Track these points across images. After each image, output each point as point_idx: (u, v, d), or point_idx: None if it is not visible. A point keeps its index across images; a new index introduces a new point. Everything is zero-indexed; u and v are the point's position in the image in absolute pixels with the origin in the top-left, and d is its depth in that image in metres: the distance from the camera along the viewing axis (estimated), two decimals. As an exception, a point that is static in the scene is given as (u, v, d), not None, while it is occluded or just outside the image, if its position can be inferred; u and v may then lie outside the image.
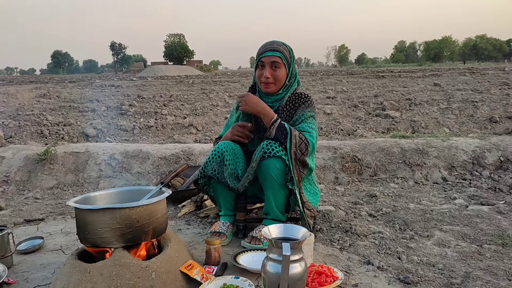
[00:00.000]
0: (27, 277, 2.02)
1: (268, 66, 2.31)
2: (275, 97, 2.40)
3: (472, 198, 3.21)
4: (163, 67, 58.30)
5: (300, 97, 2.39)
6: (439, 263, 2.09)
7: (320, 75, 21.40)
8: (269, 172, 2.19)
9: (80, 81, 20.27)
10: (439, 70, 21.65)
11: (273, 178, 2.20)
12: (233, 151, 2.36)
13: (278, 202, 2.28)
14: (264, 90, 2.38)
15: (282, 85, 2.36)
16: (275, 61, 2.29)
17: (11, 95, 11.45)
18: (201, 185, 2.50)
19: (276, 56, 2.29)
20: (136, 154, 4.04)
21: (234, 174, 2.35)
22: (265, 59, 2.31)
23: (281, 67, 2.31)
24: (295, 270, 1.55)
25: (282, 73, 2.32)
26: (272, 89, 2.36)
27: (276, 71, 2.31)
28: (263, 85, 2.36)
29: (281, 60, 2.30)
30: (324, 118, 7.41)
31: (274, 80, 2.32)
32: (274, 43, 2.35)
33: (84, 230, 1.78)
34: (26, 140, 5.78)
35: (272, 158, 2.17)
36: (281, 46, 2.34)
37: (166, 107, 8.91)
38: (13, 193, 3.72)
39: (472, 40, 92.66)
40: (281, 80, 2.34)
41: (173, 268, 1.84)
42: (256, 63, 2.39)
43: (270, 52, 2.29)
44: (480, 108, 7.33)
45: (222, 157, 2.34)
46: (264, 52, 2.32)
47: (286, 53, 2.33)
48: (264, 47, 2.34)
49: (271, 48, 2.31)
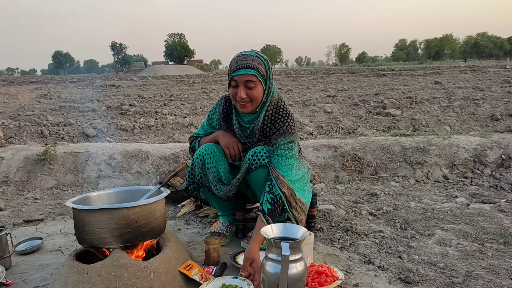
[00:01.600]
0: (26, 278, 2.01)
1: (242, 85, 2.06)
2: (251, 116, 2.22)
3: (473, 197, 3.19)
4: (163, 67, 58.28)
5: (278, 115, 2.19)
6: (440, 262, 2.07)
7: (321, 73, 21.35)
8: (259, 182, 2.16)
9: (81, 81, 20.27)
10: (440, 68, 21.60)
11: (262, 186, 2.15)
12: (214, 154, 2.26)
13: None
14: (241, 110, 2.16)
15: (259, 103, 2.14)
16: (249, 80, 2.04)
17: (12, 95, 11.44)
18: (191, 191, 2.45)
19: (250, 74, 2.03)
20: (135, 154, 4.03)
21: (217, 177, 2.28)
22: (238, 78, 2.05)
23: (257, 85, 2.07)
24: (294, 270, 1.54)
25: (259, 91, 2.09)
26: (248, 109, 2.13)
27: (251, 90, 2.07)
28: (239, 105, 2.12)
29: (256, 78, 2.05)
30: (325, 116, 7.39)
31: (251, 99, 2.09)
32: (246, 57, 2.07)
33: (82, 230, 1.77)
34: (26, 141, 5.77)
35: (260, 168, 2.13)
36: (255, 60, 2.06)
37: (167, 107, 8.89)
38: (12, 193, 3.71)
39: (473, 38, 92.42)
40: (258, 98, 2.11)
41: (172, 268, 1.83)
42: (229, 81, 2.12)
43: (243, 70, 2.03)
44: (481, 106, 7.30)
45: (203, 160, 2.26)
46: (236, 69, 2.05)
47: (261, 68, 2.08)
48: (236, 64, 2.07)
49: (244, 65, 2.03)
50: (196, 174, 2.33)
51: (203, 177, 2.32)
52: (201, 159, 2.27)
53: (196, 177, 2.34)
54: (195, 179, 2.36)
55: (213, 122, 2.40)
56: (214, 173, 2.27)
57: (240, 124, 2.28)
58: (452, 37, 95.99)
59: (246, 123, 2.26)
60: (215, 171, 2.27)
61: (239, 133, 2.28)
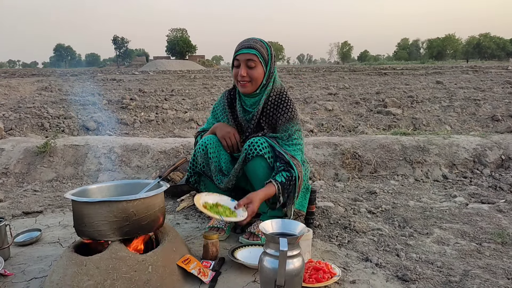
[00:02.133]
0: (24, 269, 2.01)
1: (243, 64, 2.19)
2: (253, 99, 2.30)
3: (472, 196, 3.19)
4: (165, 62, 58.23)
5: (280, 97, 2.28)
6: (438, 261, 2.08)
7: (322, 71, 21.34)
8: (256, 172, 2.17)
9: (82, 75, 20.26)
10: (441, 68, 21.57)
11: (260, 177, 2.16)
12: (216, 144, 2.31)
13: (270, 200, 2.23)
14: (241, 90, 2.26)
15: (259, 84, 2.23)
16: (250, 59, 2.17)
17: (13, 87, 11.44)
18: (192, 183, 2.47)
19: (251, 53, 2.16)
20: (135, 148, 4.03)
21: (218, 167, 2.32)
22: (240, 57, 2.19)
23: (257, 65, 2.18)
24: (292, 265, 1.54)
25: (259, 71, 2.20)
26: (248, 89, 2.23)
27: (252, 69, 2.18)
28: (240, 84, 2.24)
29: (257, 58, 2.17)
30: (326, 114, 7.39)
31: (250, 78, 2.19)
32: (250, 40, 2.23)
33: (81, 222, 1.78)
34: (27, 133, 5.78)
35: (256, 158, 2.14)
36: (257, 43, 2.20)
37: (167, 102, 8.89)
38: (12, 185, 3.71)
39: (476, 39, 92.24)
40: (258, 79, 2.21)
41: (170, 262, 1.84)
42: (232, 62, 2.27)
43: (245, 50, 2.18)
44: (482, 106, 7.29)
45: (206, 150, 2.31)
46: (239, 49, 2.20)
47: (263, 50, 2.20)
48: (240, 45, 2.23)
49: (247, 45, 2.19)
50: (199, 163, 2.36)
51: (205, 167, 2.35)
52: (203, 148, 2.31)
53: (198, 166, 2.37)
54: (197, 169, 2.38)
55: (218, 114, 2.46)
56: (216, 163, 2.31)
57: (243, 107, 2.35)
58: (455, 37, 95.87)
59: (249, 107, 2.33)
60: (216, 161, 2.30)
61: (241, 116, 2.34)
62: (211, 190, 2.46)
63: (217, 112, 2.48)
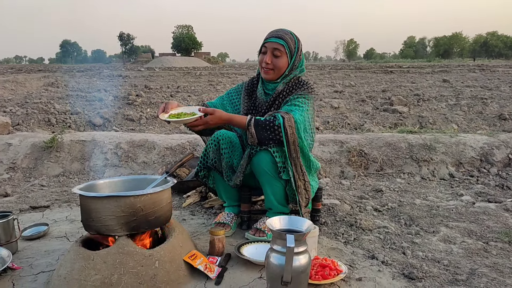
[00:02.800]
0: (32, 263, 2.03)
1: (269, 52, 2.26)
2: (273, 85, 2.36)
3: (479, 195, 3.18)
4: (171, 58, 58.35)
5: (297, 83, 2.35)
6: (444, 259, 2.07)
7: (328, 69, 21.27)
8: (261, 166, 2.16)
9: (88, 71, 20.31)
10: (448, 67, 21.43)
11: (266, 171, 2.16)
12: (229, 140, 2.32)
13: (277, 195, 2.23)
14: (264, 76, 2.33)
15: (281, 74, 2.30)
16: (277, 48, 2.24)
17: (20, 83, 11.49)
18: (201, 177, 2.49)
19: (279, 43, 2.23)
20: (142, 143, 4.04)
21: (229, 163, 2.33)
22: (268, 44, 2.27)
23: (282, 55, 2.26)
24: (298, 262, 1.54)
25: (283, 61, 2.27)
26: (270, 76, 2.30)
27: (277, 58, 2.26)
28: (263, 70, 2.31)
29: (283, 48, 2.24)
30: (331, 112, 7.37)
31: (274, 67, 2.27)
32: (281, 30, 2.30)
33: (88, 217, 1.78)
34: (34, 128, 5.81)
35: (260, 152, 2.14)
36: (287, 34, 2.28)
37: (173, 98, 8.90)
38: (19, 179, 3.74)
39: (483, 37, 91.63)
40: (281, 68, 2.28)
41: (176, 257, 1.84)
42: (260, 48, 2.35)
43: (274, 39, 2.25)
44: (489, 105, 7.25)
45: (218, 146, 2.32)
46: (269, 37, 2.28)
47: (291, 42, 2.27)
48: (271, 33, 2.30)
49: (276, 35, 2.26)
50: (210, 158, 2.37)
51: (216, 162, 2.36)
52: (215, 144, 2.32)
53: (210, 161, 2.38)
54: (208, 164, 2.39)
55: (233, 95, 2.57)
56: (228, 159, 2.31)
57: (264, 91, 2.41)
58: (462, 36, 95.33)
59: (269, 90, 2.39)
60: (228, 157, 2.31)
61: (262, 98, 2.39)
62: (220, 186, 2.47)
63: (232, 94, 2.57)
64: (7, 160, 3.92)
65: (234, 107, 2.52)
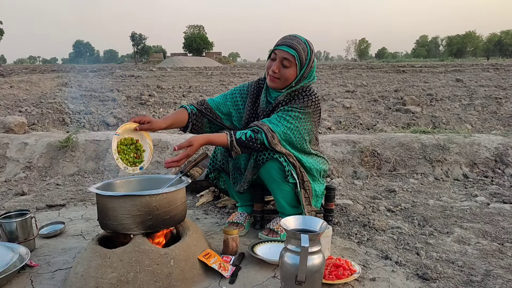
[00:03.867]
0: (49, 261, 2.07)
1: (278, 60, 2.14)
2: (277, 93, 2.26)
3: (494, 196, 3.15)
4: (182, 58, 58.61)
5: (300, 93, 2.23)
6: (459, 260, 2.06)
7: (340, 69, 21.18)
8: (271, 175, 2.16)
9: (101, 71, 20.50)
10: (461, 66, 21.20)
11: (275, 179, 2.16)
12: None
13: (287, 198, 2.24)
14: (269, 83, 2.22)
15: (287, 84, 2.19)
16: (287, 58, 2.11)
17: (34, 83, 11.66)
18: (211, 179, 2.50)
19: (289, 53, 2.10)
20: (155, 143, 4.08)
21: (237, 165, 2.34)
22: (278, 52, 2.14)
23: (291, 66, 2.13)
24: (313, 262, 1.55)
25: (291, 72, 2.14)
26: (275, 85, 2.20)
27: (285, 68, 2.13)
28: (269, 78, 2.20)
29: (294, 59, 2.11)
30: (343, 112, 7.34)
31: (280, 76, 2.15)
32: (295, 38, 2.15)
33: (105, 216, 1.81)
34: (49, 127, 5.89)
35: (268, 161, 2.13)
36: (301, 44, 2.14)
37: (185, 98, 8.95)
38: (35, 178, 3.80)
39: (497, 36, 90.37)
40: (287, 79, 2.16)
41: (191, 256, 1.86)
42: (270, 53, 2.22)
43: (286, 48, 2.11)
44: (504, 105, 7.16)
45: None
46: (280, 44, 2.14)
47: (303, 53, 2.13)
48: (283, 40, 2.16)
49: (289, 44, 2.12)
50: (218, 160, 2.40)
51: (225, 164, 2.38)
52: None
53: (218, 163, 2.40)
54: (216, 166, 2.41)
55: (236, 95, 2.44)
56: (235, 160, 2.33)
57: (267, 98, 2.32)
58: (475, 35, 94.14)
59: (272, 98, 2.31)
60: (236, 158, 2.31)
61: (263, 106, 2.31)
62: (230, 187, 2.49)
63: (236, 95, 2.45)
64: (23, 159, 3.99)
65: (237, 109, 2.44)
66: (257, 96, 2.40)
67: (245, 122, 2.37)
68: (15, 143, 4.13)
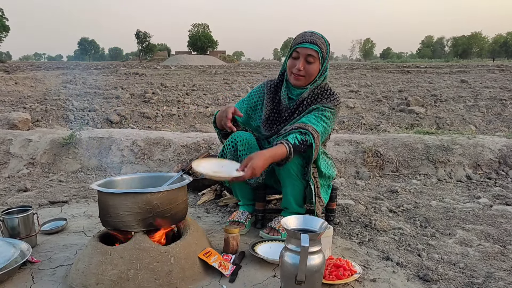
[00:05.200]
0: (50, 257, 2.07)
1: (302, 58, 2.18)
2: (300, 90, 2.29)
3: (497, 198, 3.13)
4: (186, 57, 58.67)
5: (324, 91, 2.28)
6: (460, 262, 2.05)
7: (344, 68, 21.15)
8: (289, 169, 2.16)
9: (105, 68, 20.56)
10: (467, 67, 21.12)
11: (292, 174, 2.17)
12: (247, 141, 2.29)
13: (296, 197, 2.26)
14: (293, 82, 2.25)
15: (312, 80, 2.24)
16: (311, 55, 2.16)
17: (39, 80, 11.71)
18: None
19: (313, 49, 2.15)
20: (158, 141, 4.08)
21: None
22: (301, 50, 2.17)
23: (315, 61, 2.18)
24: (313, 261, 1.55)
25: (315, 68, 2.20)
26: (301, 83, 2.23)
27: (310, 65, 2.18)
28: (293, 77, 2.23)
29: (317, 54, 2.16)
30: (347, 112, 7.33)
31: (306, 73, 2.19)
32: (313, 34, 2.20)
33: (106, 213, 1.82)
34: (52, 124, 5.92)
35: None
36: (320, 39, 2.19)
37: (189, 96, 8.97)
38: (38, 175, 3.81)
39: (503, 37, 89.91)
40: (312, 75, 2.21)
41: (191, 254, 1.87)
42: (291, 52, 2.24)
43: (308, 44, 2.15)
44: (508, 106, 7.13)
45: (235, 147, 2.30)
46: (302, 42, 2.18)
47: (324, 47, 2.19)
48: (303, 37, 2.20)
49: (310, 40, 2.16)
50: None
51: None
52: (233, 145, 2.31)
53: None
54: None
55: (253, 97, 2.47)
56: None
57: (288, 96, 2.34)
58: (481, 35, 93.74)
59: (294, 95, 2.32)
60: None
61: (286, 103, 2.33)
62: (236, 185, 2.48)
63: (253, 96, 2.48)
64: (27, 155, 4.01)
65: (255, 110, 2.45)
66: (275, 92, 2.42)
67: (265, 118, 2.39)
68: (18, 140, 4.14)
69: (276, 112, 2.38)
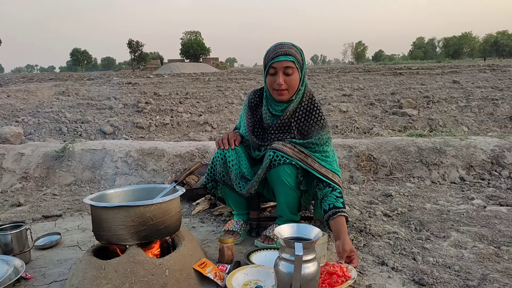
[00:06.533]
0: (44, 273, 2.06)
1: (280, 72, 2.13)
2: (285, 104, 2.25)
3: (490, 199, 3.15)
4: (179, 65, 58.81)
5: (313, 107, 2.26)
6: (455, 265, 2.06)
7: (337, 72, 21.25)
8: (281, 178, 2.15)
9: (98, 79, 20.51)
10: (458, 67, 21.28)
11: (285, 183, 2.16)
12: (234, 151, 2.30)
13: (290, 205, 2.25)
14: (278, 98, 2.21)
15: (295, 91, 2.20)
16: (289, 66, 2.12)
17: (31, 92, 11.67)
18: (209, 188, 2.48)
19: (289, 60, 2.11)
20: (151, 151, 4.07)
21: (240, 174, 2.31)
22: (277, 64, 2.13)
23: (294, 72, 2.14)
24: (307, 270, 1.55)
25: (296, 78, 2.16)
26: (286, 97, 2.19)
27: (289, 77, 2.14)
28: (276, 93, 2.19)
29: (294, 64, 2.13)
30: (340, 116, 7.36)
31: (288, 86, 2.15)
32: (284, 45, 2.17)
33: (99, 227, 1.81)
34: (45, 137, 5.89)
35: (284, 165, 2.12)
36: (292, 48, 2.16)
37: (182, 105, 8.97)
38: (32, 189, 3.79)
39: (493, 36, 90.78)
40: (295, 86, 2.17)
41: (186, 266, 1.86)
42: (267, 69, 2.19)
43: (283, 57, 2.11)
44: (500, 106, 7.18)
45: (225, 159, 2.31)
46: (275, 56, 2.13)
47: (298, 56, 2.17)
48: (275, 52, 2.15)
49: (283, 52, 2.12)
50: (218, 172, 2.36)
51: (225, 176, 2.35)
52: (222, 157, 2.31)
53: (218, 175, 2.37)
54: (216, 177, 2.38)
55: (243, 113, 2.48)
56: (237, 170, 2.30)
57: (271, 112, 2.31)
58: (472, 36, 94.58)
59: (278, 111, 2.29)
60: (237, 168, 2.30)
61: (269, 121, 2.30)
62: (228, 195, 2.47)
63: (243, 111, 2.49)
64: (19, 170, 3.99)
65: (243, 122, 2.45)
66: (255, 107, 2.40)
67: (250, 132, 2.35)
68: (11, 154, 4.12)
69: (259, 128, 2.37)
